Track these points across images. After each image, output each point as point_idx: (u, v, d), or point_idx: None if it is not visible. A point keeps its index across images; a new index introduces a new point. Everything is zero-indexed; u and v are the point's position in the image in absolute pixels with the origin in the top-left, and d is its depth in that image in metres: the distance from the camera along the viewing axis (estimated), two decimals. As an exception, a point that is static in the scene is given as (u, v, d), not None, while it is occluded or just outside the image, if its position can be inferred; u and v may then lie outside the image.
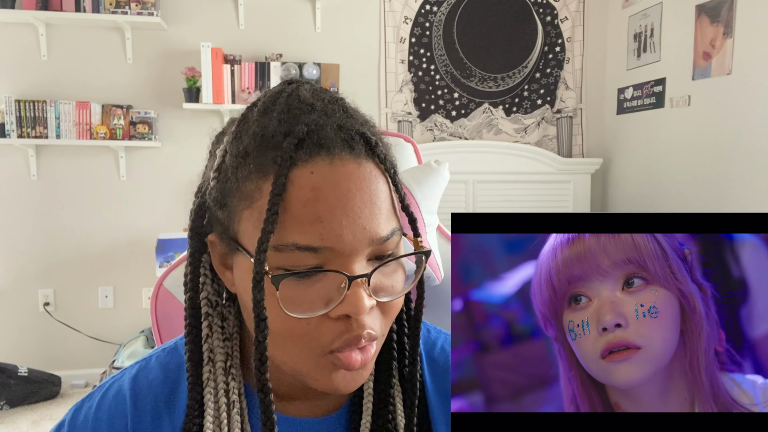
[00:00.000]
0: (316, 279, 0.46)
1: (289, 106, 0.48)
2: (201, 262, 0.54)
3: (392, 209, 0.49)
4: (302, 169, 0.45)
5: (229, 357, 0.53)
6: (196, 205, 0.52)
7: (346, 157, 0.46)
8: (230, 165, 0.48)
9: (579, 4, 3.39)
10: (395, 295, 0.49)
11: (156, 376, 0.56)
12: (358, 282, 0.45)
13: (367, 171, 0.47)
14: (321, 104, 0.49)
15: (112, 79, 2.98)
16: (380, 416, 0.54)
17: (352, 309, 0.45)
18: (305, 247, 0.44)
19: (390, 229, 0.48)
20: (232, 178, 0.48)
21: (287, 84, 0.51)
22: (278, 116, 0.48)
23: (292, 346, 0.47)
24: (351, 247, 0.45)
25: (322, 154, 0.46)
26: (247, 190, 0.47)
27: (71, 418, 0.55)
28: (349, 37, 3.20)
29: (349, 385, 0.49)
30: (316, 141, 0.46)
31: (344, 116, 0.49)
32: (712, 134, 2.61)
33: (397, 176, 0.51)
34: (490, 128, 3.38)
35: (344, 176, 0.46)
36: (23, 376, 2.75)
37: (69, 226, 3.01)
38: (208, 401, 0.51)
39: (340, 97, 0.51)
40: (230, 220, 0.49)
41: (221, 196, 0.49)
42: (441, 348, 0.62)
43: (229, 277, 0.52)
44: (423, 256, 0.51)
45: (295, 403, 0.56)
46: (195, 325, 0.53)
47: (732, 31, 2.46)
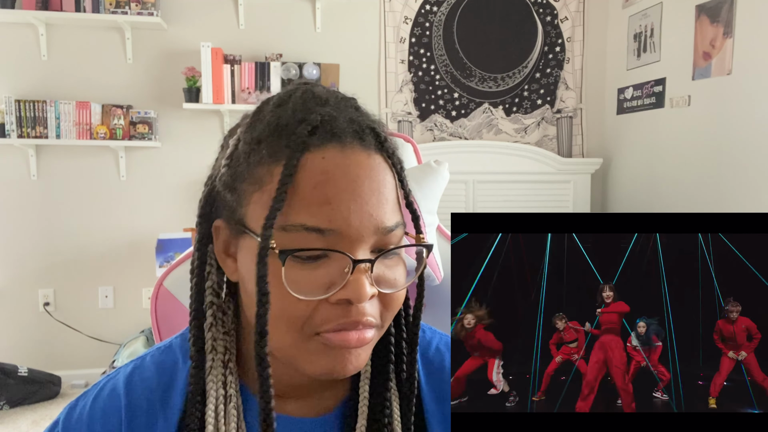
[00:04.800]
0: (320, 263, 0.46)
1: (304, 99, 0.50)
2: (208, 249, 0.54)
3: (397, 203, 0.50)
4: (314, 155, 0.47)
5: (228, 351, 0.54)
6: (205, 193, 0.54)
7: (357, 147, 0.48)
8: (243, 152, 0.50)
9: (579, 4, 3.39)
10: (397, 288, 0.50)
11: (151, 375, 0.56)
12: (361, 268, 0.46)
13: (376, 162, 0.49)
14: (334, 100, 0.51)
15: (112, 79, 2.98)
16: (376, 419, 0.54)
17: (353, 294, 0.46)
18: (313, 228, 0.45)
19: (395, 222, 0.49)
20: (244, 164, 0.49)
21: (302, 84, 0.53)
22: (293, 107, 0.49)
23: (285, 330, 0.47)
24: (357, 232, 0.46)
25: (333, 142, 0.47)
26: (258, 174, 0.48)
27: (66, 416, 0.56)
28: (349, 37, 3.20)
29: (346, 368, 0.48)
30: (329, 130, 0.48)
31: (356, 113, 0.51)
32: (712, 134, 2.61)
33: (403, 172, 0.52)
34: (490, 128, 3.38)
35: (354, 163, 0.47)
36: (23, 376, 2.75)
37: (69, 226, 3.00)
38: (210, 389, 0.52)
39: (353, 98, 0.54)
40: (239, 204, 0.49)
41: (232, 181, 0.50)
42: (436, 348, 0.62)
43: (231, 265, 0.53)
44: (424, 252, 0.52)
45: (291, 402, 0.56)
46: (200, 311, 0.54)
47: (732, 31, 2.46)
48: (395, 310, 0.51)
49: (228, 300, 0.56)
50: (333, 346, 0.47)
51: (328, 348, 0.47)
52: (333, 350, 0.47)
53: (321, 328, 0.47)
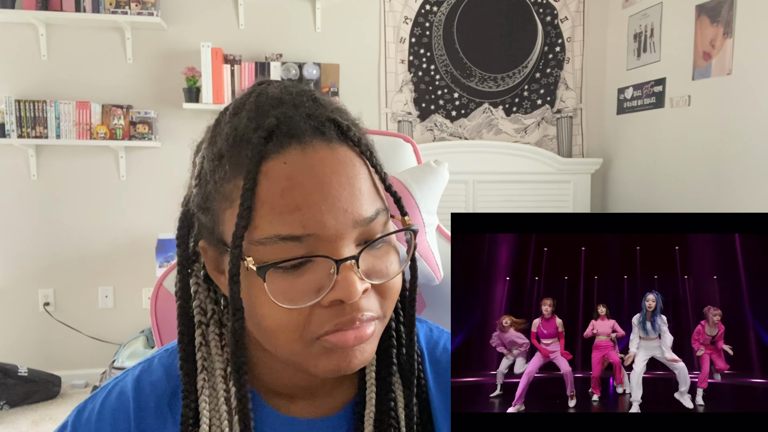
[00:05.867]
0: (305, 269, 0.46)
1: (257, 104, 0.49)
2: (190, 271, 0.54)
3: (374, 190, 0.49)
4: (275, 161, 0.45)
5: (229, 364, 0.53)
6: (181, 214, 0.53)
7: (318, 143, 0.47)
8: (208, 169, 0.49)
9: (579, 4, 3.39)
10: (389, 277, 0.49)
11: (159, 377, 0.56)
12: (347, 266, 0.45)
13: (341, 155, 0.47)
14: (289, 97, 0.49)
15: (112, 79, 2.98)
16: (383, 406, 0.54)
17: (344, 293, 0.45)
18: (288, 237, 0.44)
19: (374, 210, 0.47)
20: (211, 182, 0.48)
21: (257, 85, 0.52)
22: (247, 114, 0.48)
23: (286, 340, 0.47)
24: (335, 231, 0.45)
25: (293, 144, 0.46)
26: (226, 190, 0.47)
27: (74, 418, 0.55)
28: (349, 37, 3.20)
29: (352, 363, 0.48)
30: (286, 132, 0.46)
31: (313, 105, 0.49)
32: (712, 134, 2.61)
33: (374, 157, 0.50)
34: (490, 128, 3.38)
35: (318, 162, 0.46)
36: (23, 376, 2.75)
37: (69, 226, 3.00)
38: (203, 410, 0.51)
39: (309, 89, 0.52)
40: (215, 223, 0.49)
41: (203, 201, 0.50)
42: (444, 348, 0.61)
43: (224, 281, 0.51)
44: (412, 234, 0.51)
45: (299, 403, 0.55)
46: (186, 334, 0.53)
47: (732, 31, 2.46)
48: (394, 298, 0.50)
49: (227, 311, 0.55)
50: (334, 348, 0.47)
51: (327, 350, 0.47)
52: (335, 350, 0.47)
53: (319, 331, 0.46)
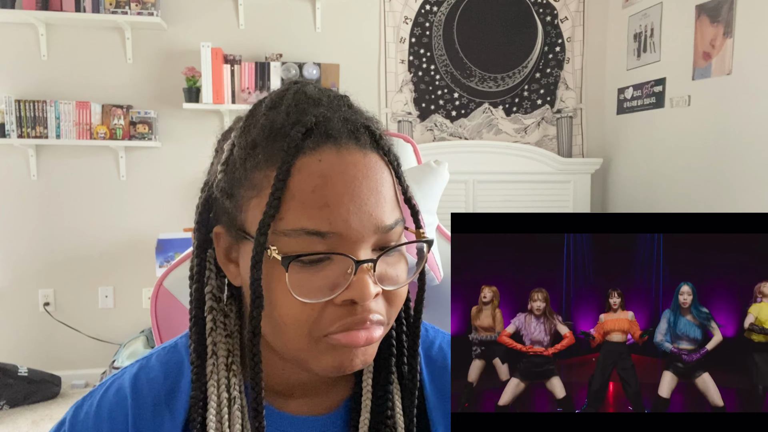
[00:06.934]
0: (323, 266, 0.47)
1: (296, 100, 0.50)
2: (207, 255, 0.55)
3: (395, 200, 0.50)
4: (310, 157, 0.47)
5: (231, 353, 0.54)
6: (202, 199, 0.54)
7: (353, 147, 0.48)
8: (238, 157, 0.49)
9: (579, 4, 3.39)
10: (399, 285, 0.50)
11: (157, 374, 0.56)
12: (363, 268, 0.46)
13: (373, 161, 0.49)
14: (327, 99, 0.51)
15: (112, 79, 2.98)
16: (379, 413, 0.55)
17: (358, 294, 0.46)
18: (313, 232, 0.46)
19: (394, 219, 0.49)
20: (240, 169, 0.49)
21: (293, 83, 0.53)
22: (286, 109, 0.49)
23: (294, 335, 0.48)
24: (358, 233, 0.46)
25: (329, 144, 0.47)
26: (256, 179, 0.48)
27: (72, 415, 0.55)
28: (349, 37, 3.20)
29: (353, 362, 0.49)
30: (324, 131, 0.47)
31: (349, 111, 0.51)
32: (712, 134, 2.61)
33: (400, 168, 0.52)
34: (490, 128, 3.38)
35: (351, 164, 0.47)
36: (23, 376, 2.75)
37: (69, 226, 3.00)
38: (211, 394, 0.52)
39: (345, 95, 0.53)
40: (237, 210, 0.50)
41: (229, 187, 0.50)
42: (439, 347, 0.62)
43: (233, 270, 0.53)
44: (425, 247, 0.52)
45: (295, 401, 0.56)
46: (200, 317, 0.54)
47: (732, 31, 2.46)
48: (399, 306, 0.52)
49: (230, 303, 0.56)
50: (341, 346, 0.48)
51: (334, 348, 0.48)
52: (341, 349, 0.48)
53: (328, 329, 0.47)
